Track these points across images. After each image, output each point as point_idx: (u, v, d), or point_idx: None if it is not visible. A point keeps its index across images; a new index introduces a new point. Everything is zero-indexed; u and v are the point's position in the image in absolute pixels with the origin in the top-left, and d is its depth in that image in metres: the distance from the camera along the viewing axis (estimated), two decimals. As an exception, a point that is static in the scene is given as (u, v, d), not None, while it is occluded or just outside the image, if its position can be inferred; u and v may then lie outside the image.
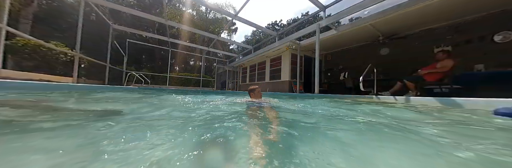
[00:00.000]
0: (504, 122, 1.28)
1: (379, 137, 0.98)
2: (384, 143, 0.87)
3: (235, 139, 0.84)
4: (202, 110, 1.69)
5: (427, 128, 1.12)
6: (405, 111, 1.99)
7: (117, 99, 2.80)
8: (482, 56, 4.03)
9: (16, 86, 2.49)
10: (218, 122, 1.10)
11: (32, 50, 4.25)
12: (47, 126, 0.96)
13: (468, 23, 4.27)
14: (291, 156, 0.66)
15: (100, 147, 0.67)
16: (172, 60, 15.07)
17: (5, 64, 3.44)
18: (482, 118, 1.53)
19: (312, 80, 6.54)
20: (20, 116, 1.19)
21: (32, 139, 0.75)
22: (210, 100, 2.60)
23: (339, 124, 1.30)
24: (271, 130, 1.00)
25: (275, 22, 23.91)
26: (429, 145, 0.80)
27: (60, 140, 0.78)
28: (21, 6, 5.23)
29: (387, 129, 1.09)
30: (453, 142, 0.83)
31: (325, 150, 0.74)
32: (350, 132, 1.06)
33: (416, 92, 3.51)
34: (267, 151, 0.68)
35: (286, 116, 1.53)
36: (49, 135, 0.84)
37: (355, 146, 0.81)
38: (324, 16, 5.32)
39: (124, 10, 6.26)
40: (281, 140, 0.85)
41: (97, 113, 1.50)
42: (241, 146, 0.75)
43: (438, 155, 0.69)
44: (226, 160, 0.64)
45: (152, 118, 1.32)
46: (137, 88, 6.11)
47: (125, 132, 0.91)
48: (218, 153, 0.70)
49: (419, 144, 0.83)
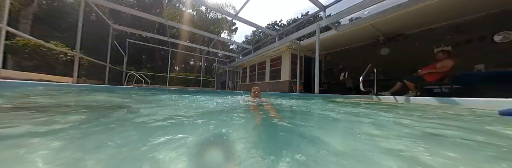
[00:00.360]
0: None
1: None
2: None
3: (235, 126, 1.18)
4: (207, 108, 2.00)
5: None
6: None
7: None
8: (482, 56, 4.03)
9: (16, 86, 2.49)
10: (223, 115, 1.53)
11: (32, 50, 4.25)
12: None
13: (468, 23, 4.27)
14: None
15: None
16: (172, 60, 15.05)
17: (5, 64, 3.44)
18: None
19: (312, 80, 6.54)
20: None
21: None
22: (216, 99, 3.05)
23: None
24: (257, 118, 1.43)
25: (275, 22, 23.90)
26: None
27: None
28: (21, 6, 5.23)
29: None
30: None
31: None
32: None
33: (416, 92, 3.51)
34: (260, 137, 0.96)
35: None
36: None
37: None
38: (324, 16, 5.32)
39: (124, 10, 6.26)
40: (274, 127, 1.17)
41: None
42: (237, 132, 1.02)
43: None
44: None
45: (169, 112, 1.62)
46: (137, 88, 6.11)
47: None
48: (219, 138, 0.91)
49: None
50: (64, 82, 4.54)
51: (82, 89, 3.76)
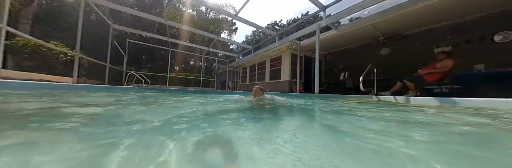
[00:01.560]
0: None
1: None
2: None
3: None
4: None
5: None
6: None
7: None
8: (482, 56, 4.03)
9: (16, 86, 2.49)
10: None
11: (32, 50, 4.24)
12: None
13: (468, 23, 4.26)
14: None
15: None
16: (172, 60, 15.06)
17: (5, 64, 3.44)
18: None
19: (312, 80, 6.54)
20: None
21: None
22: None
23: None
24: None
25: (275, 22, 23.91)
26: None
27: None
28: (21, 6, 5.22)
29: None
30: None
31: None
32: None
33: (416, 92, 3.51)
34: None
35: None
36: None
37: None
38: (324, 16, 5.32)
39: (124, 10, 6.26)
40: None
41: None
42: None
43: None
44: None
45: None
46: (137, 88, 6.11)
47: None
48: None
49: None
50: (64, 82, 4.54)
51: (82, 89, 3.75)
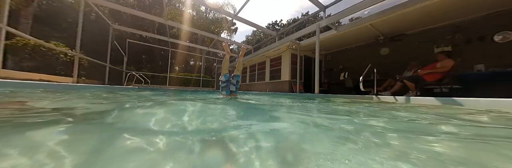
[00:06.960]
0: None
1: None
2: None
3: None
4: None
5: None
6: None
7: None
8: (482, 56, 4.03)
9: (16, 86, 2.49)
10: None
11: (32, 50, 4.25)
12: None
13: (468, 23, 4.26)
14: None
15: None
16: (172, 60, 15.05)
17: (5, 64, 3.44)
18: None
19: (312, 80, 6.55)
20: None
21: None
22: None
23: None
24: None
25: (275, 22, 23.94)
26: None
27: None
28: (21, 6, 5.23)
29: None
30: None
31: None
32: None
33: (416, 92, 3.52)
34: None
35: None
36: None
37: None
38: (324, 16, 5.32)
39: (124, 10, 6.26)
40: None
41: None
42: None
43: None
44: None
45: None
46: (137, 88, 6.11)
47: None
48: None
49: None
50: (64, 82, 4.54)
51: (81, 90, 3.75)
